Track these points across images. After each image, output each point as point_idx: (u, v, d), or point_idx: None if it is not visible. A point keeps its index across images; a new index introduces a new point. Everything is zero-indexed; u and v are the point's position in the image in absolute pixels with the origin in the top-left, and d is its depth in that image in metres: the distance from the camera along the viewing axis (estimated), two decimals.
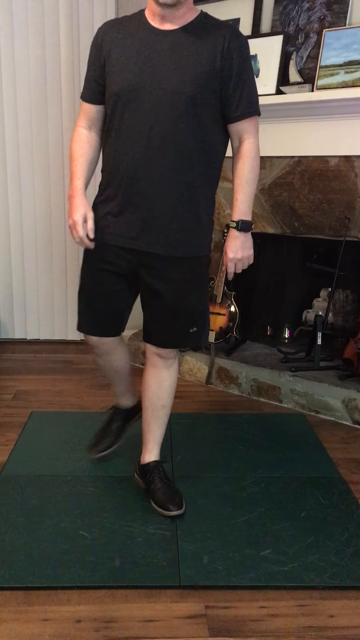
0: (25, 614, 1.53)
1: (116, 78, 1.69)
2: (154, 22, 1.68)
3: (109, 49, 1.71)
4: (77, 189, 1.81)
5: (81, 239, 1.79)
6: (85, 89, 1.81)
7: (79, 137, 1.85)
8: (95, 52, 1.75)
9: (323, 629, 1.49)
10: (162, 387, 2.00)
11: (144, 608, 1.55)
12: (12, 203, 3.54)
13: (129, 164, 1.72)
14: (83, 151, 1.84)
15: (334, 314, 3.07)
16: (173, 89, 1.62)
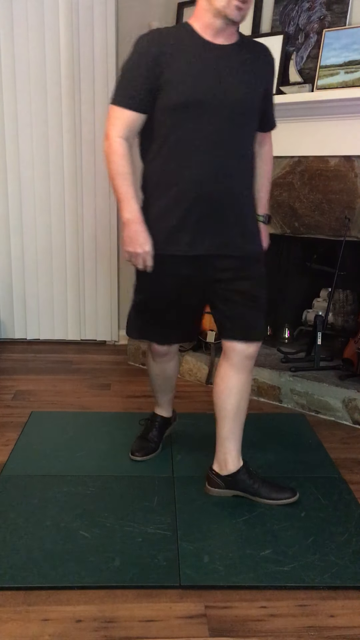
0: (25, 614, 1.53)
1: (181, 88, 1.70)
2: (207, 36, 1.73)
3: (167, 60, 1.70)
4: (138, 213, 1.80)
5: (147, 268, 1.84)
6: (132, 98, 1.74)
7: (123, 150, 1.78)
8: (150, 62, 1.70)
9: (323, 629, 1.49)
10: (247, 391, 1.98)
11: (144, 608, 1.55)
12: (12, 203, 3.55)
13: (196, 173, 1.76)
14: (130, 167, 1.80)
15: (334, 314, 3.06)
16: (241, 100, 1.75)
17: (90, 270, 3.63)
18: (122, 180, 1.78)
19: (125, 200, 1.79)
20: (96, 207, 3.54)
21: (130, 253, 1.82)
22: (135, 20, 3.34)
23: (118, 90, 1.76)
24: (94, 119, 3.41)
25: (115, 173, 1.78)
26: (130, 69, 1.73)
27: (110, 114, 1.78)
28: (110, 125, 1.77)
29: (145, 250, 1.79)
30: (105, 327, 3.73)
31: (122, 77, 1.75)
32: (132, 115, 1.76)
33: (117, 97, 1.76)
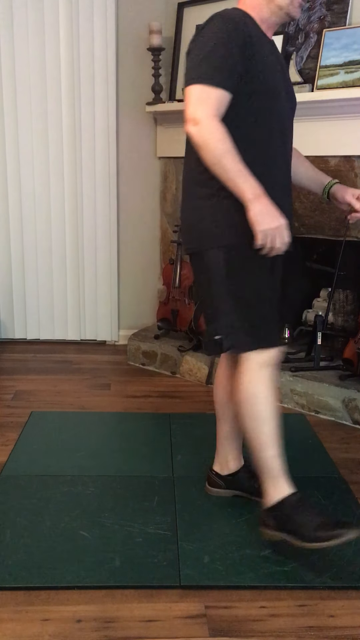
0: (25, 614, 1.53)
1: (269, 74, 1.65)
2: (262, 28, 1.70)
3: (254, 43, 1.61)
4: (260, 188, 1.59)
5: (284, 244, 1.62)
6: (226, 77, 1.57)
7: (223, 130, 1.57)
8: (245, 43, 1.58)
9: (323, 629, 1.49)
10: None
11: (144, 608, 1.55)
12: (12, 203, 3.54)
13: (281, 159, 1.74)
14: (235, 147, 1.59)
15: (334, 314, 3.06)
16: (293, 98, 1.80)
17: (90, 270, 3.63)
18: (231, 157, 1.56)
19: (243, 176, 1.57)
20: (96, 207, 3.54)
21: (268, 231, 1.57)
22: (135, 20, 3.34)
23: (205, 68, 1.57)
24: (94, 118, 3.41)
25: (221, 152, 1.55)
26: (220, 46, 1.56)
27: (195, 95, 1.57)
28: (197, 106, 1.56)
29: (283, 222, 1.59)
30: (105, 327, 3.73)
31: (209, 54, 1.57)
32: (225, 96, 1.58)
33: (206, 75, 1.56)
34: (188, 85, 1.59)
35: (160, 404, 2.84)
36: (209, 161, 1.58)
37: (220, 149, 1.55)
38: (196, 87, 1.57)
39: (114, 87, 3.37)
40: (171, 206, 3.54)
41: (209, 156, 1.57)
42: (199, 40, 1.61)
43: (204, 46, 1.58)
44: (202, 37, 1.60)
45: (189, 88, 1.59)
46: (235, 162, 1.56)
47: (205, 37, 1.59)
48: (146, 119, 3.47)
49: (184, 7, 3.27)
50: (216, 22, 1.59)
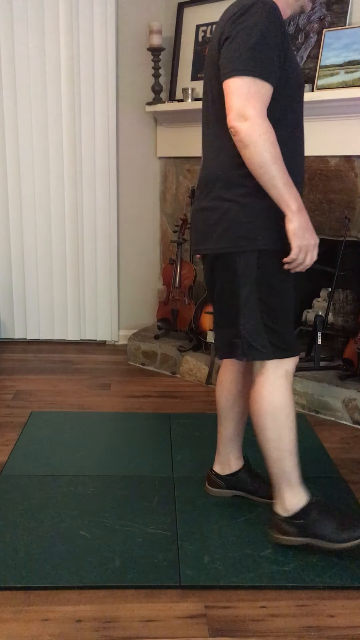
0: (25, 614, 1.53)
1: (297, 70, 1.61)
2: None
3: (287, 34, 1.55)
4: (301, 201, 1.55)
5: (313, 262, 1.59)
6: (272, 71, 1.49)
7: (273, 132, 1.49)
8: (283, 34, 1.52)
9: (323, 629, 1.49)
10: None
11: (144, 608, 1.55)
12: (12, 203, 3.55)
13: (302, 155, 1.70)
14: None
15: (334, 314, 3.06)
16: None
17: (90, 270, 3.63)
18: (281, 163, 1.49)
19: (290, 186, 1.51)
20: (96, 207, 3.54)
21: (305, 246, 1.54)
22: (135, 20, 3.34)
23: (254, 58, 1.46)
24: (94, 118, 3.41)
25: (272, 157, 1.47)
26: (267, 36, 1.47)
27: (244, 87, 1.46)
28: (248, 100, 1.46)
29: (317, 241, 1.57)
30: (105, 327, 3.73)
31: (257, 45, 1.47)
32: (271, 91, 1.50)
33: (256, 67, 1.46)
34: (234, 76, 1.47)
35: (160, 404, 2.84)
36: (255, 162, 1.49)
37: (271, 153, 1.47)
38: (245, 79, 1.46)
39: (114, 87, 3.37)
40: (171, 206, 3.54)
41: (256, 158, 1.48)
42: (243, 26, 1.48)
43: (250, 34, 1.47)
44: (245, 22, 1.48)
45: (235, 79, 1.47)
46: (283, 169, 1.50)
47: (250, 24, 1.48)
48: (146, 119, 3.47)
49: (184, 7, 3.27)
50: (258, 9, 1.48)
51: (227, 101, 1.50)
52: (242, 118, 1.46)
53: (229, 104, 1.49)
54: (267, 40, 1.47)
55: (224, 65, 1.51)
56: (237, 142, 1.50)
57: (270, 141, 1.47)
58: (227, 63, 1.50)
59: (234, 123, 1.47)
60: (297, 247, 1.54)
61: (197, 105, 3.09)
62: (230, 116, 1.48)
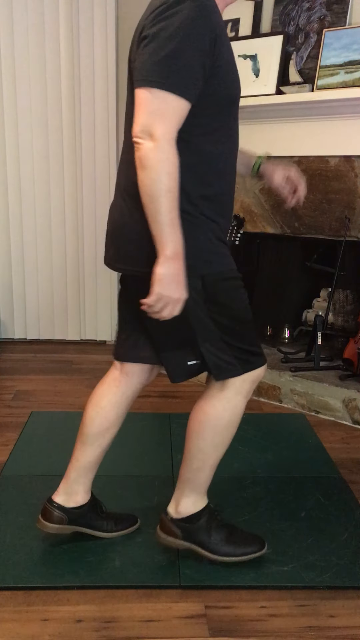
0: (25, 614, 1.53)
1: (233, 79, 1.39)
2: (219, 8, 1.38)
3: (221, 35, 1.33)
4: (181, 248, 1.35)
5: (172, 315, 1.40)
6: (192, 85, 1.29)
7: (176, 157, 1.30)
8: (215, 37, 1.30)
9: (323, 629, 1.49)
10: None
11: (144, 608, 1.55)
12: (12, 203, 3.55)
13: (233, 169, 1.50)
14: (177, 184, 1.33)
15: (334, 314, 3.07)
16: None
17: (90, 270, 3.63)
18: (172, 200, 1.30)
19: (175, 227, 1.33)
20: (96, 207, 3.54)
21: (165, 298, 1.35)
22: (135, 20, 3.33)
23: (170, 69, 1.26)
24: (94, 119, 3.41)
25: (165, 189, 1.29)
26: (189, 41, 1.26)
27: (155, 102, 1.27)
28: (157, 118, 1.27)
29: (184, 297, 1.39)
30: (105, 327, 3.73)
31: (176, 52, 1.25)
32: (187, 108, 1.31)
33: (172, 80, 1.26)
34: (145, 87, 1.28)
35: (160, 404, 2.84)
36: (145, 187, 1.30)
37: (166, 184, 1.28)
38: (156, 92, 1.26)
39: (114, 87, 3.37)
40: None
41: (148, 183, 1.29)
42: (163, 26, 1.26)
43: (170, 37, 1.25)
44: (166, 21, 1.26)
45: (144, 90, 1.28)
46: (173, 206, 1.31)
47: (172, 24, 1.26)
48: None
49: None
50: (186, 5, 1.26)
51: (137, 112, 1.30)
52: (147, 135, 1.28)
53: (136, 117, 1.29)
54: (191, 45, 1.26)
55: (137, 70, 1.30)
56: (135, 158, 1.31)
57: (168, 172, 1.28)
58: (140, 69, 1.29)
59: (136, 138, 1.29)
60: (156, 295, 1.35)
61: None
62: (135, 129, 1.29)
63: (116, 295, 3.69)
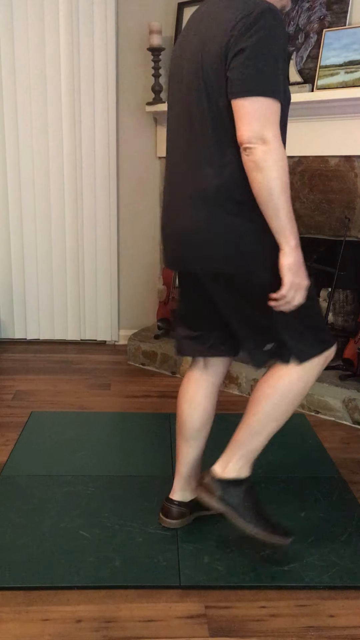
0: (25, 614, 1.53)
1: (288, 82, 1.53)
2: None
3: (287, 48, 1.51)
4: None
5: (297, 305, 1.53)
6: (280, 90, 1.43)
7: (285, 153, 1.44)
8: (286, 47, 1.46)
9: (323, 629, 1.49)
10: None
11: (144, 608, 1.55)
12: (11, 203, 3.54)
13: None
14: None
15: (334, 314, 3.06)
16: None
17: (90, 270, 3.63)
18: (289, 196, 1.44)
19: (293, 220, 1.47)
20: (96, 207, 3.54)
21: (296, 285, 1.48)
22: (135, 20, 3.34)
23: (270, 78, 1.40)
24: (94, 118, 3.41)
25: (283, 186, 1.42)
26: (276, 49, 1.41)
27: (262, 109, 1.40)
28: (267, 123, 1.40)
29: (308, 282, 1.53)
30: (105, 327, 3.73)
31: (272, 62, 1.40)
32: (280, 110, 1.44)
33: (272, 87, 1.41)
34: (253, 96, 1.40)
35: (160, 404, 2.84)
36: (264, 188, 1.42)
37: (283, 181, 1.42)
38: (263, 100, 1.40)
39: (114, 87, 3.37)
40: None
41: (267, 184, 1.41)
42: (257, 39, 1.39)
43: (265, 50, 1.40)
44: (258, 34, 1.39)
45: (253, 99, 1.40)
46: (289, 201, 1.45)
47: (264, 37, 1.40)
48: (146, 119, 3.47)
49: (184, 7, 3.26)
50: (270, 19, 1.40)
51: (241, 121, 1.41)
52: (260, 140, 1.40)
53: (246, 124, 1.40)
54: (279, 53, 1.42)
55: (239, 81, 1.41)
56: (248, 162, 1.42)
57: (284, 169, 1.42)
58: (244, 80, 1.40)
59: (250, 144, 1.40)
60: (289, 284, 1.47)
61: None
62: (246, 135, 1.40)
63: (116, 295, 3.69)
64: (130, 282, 3.73)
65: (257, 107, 1.40)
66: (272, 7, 1.42)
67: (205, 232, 1.54)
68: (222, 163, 1.50)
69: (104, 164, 3.47)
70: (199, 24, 1.52)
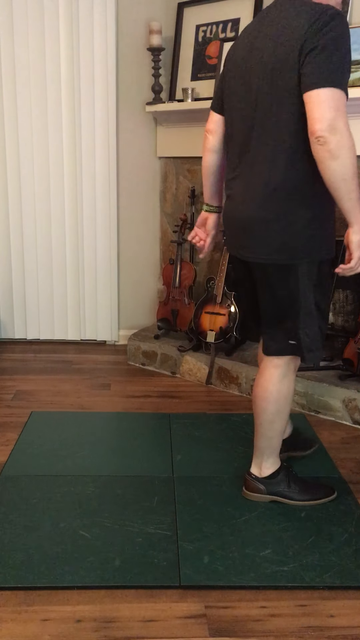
0: (25, 614, 1.53)
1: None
2: None
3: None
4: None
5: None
6: (347, 84, 1.60)
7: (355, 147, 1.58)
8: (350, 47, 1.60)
9: (323, 629, 1.50)
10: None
11: (144, 608, 1.55)
12: (12, 203, 3.54)
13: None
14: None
15: (334, 314, 3.06)
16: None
17: (90, 270, 3.63)
18: (357, 180, 1.57)
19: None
20: (96, 207, 3.54)
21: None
22: (135, 20, 3.34)
23: (343, 73, 1.54)
24: (94, 118, 3.41)
25: (354, 171, 1.54)
26: (344, 49, 1.55)
27: (335, 100, 1.52)
28: (339, 114, 1.52)
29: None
30: (105, 327, 3.73)
31: (344, 59, 1.55)
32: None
33: (341, 80, 1.54)
34: (326, 87, 1.52)
35: (160, 404, 2.84)
36: (339, 174, 1.54)
37: (355, 166, 1.54)
38: (335, 91, 1.52)
39: (114, 87, 3.37)
40: (171, 206, 3.54)
41: (341, 170, 1.54)
42: (330, 38, 1.53)
43: (337, 47, 1.53)
44: (330, 34, 1.53)
45: (326, 90, 1.52)
46: (357, 183, 1.57)
47: (336, 36, 1.54)
48: (146, 119, 3.47)
49: (184, 7, 3.27)
50: (339, 21, 1.55)
51: (315, 111, 1.52)
52: (333, 130, 1.51)
53: (319, 114, 1.52)
54: (347, 55, 1.56)
55: (313, 75, 1.53)
56: (322, 152, 1.53)
57: (355, 156, 1.55)
58: (318, 73, 1.52)
59: (324, 133, 1.51)
60: (357, 258, 1.64)
61: (197, 105, 3.09)
62: (319, 125, 1.51)
63: (116, 295, 3.69)
64: (130, 282, 3.73)
65: (330, 97, 1.51)
66: (339, 12, 1.58)
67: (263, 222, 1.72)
68: (286, 159, 1.65)
69: (104, 164, 3.47)
70: (267, 28, 1.65)
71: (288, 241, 1.70)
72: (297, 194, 1.67)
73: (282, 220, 1.69)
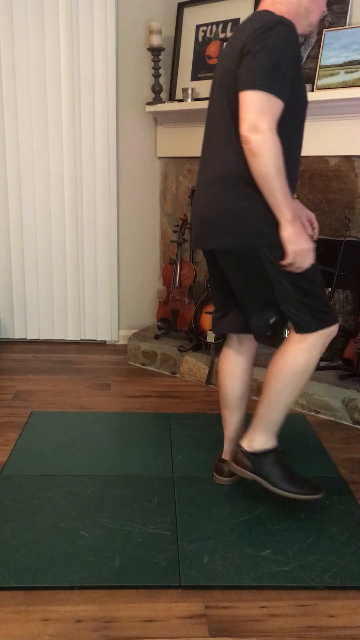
0: (25, 614, 1.53)
1: (303, 86, 1.77)
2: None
3: (299, 58, 1.71)
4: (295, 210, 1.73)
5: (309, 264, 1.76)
6: (286, 89, 1.65)
7: (280, 146, 1.64)
8: (298, 56, 1.69)
9: (323, 629, 1.49)
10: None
11: (144, 608, 1.55)
12: (12, 203, 3.55)
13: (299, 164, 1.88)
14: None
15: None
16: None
17: (90, 270, 3.63)
18: (282, 176, 1.64)
19: (288, 197, 1.68)
20: (96, 207, 3.54)
21: (300, 251, 1.70)
22: (135, 20, 3.34)
23: (272, 76, 1.61)
24: (94, 118, 3.41)
25: (276, 169, 1.62)
26: (286, 57, 1.62)
27: (259, 102, 1.61)
28: (262, 114, 1.60)
29: (312, 246, 1.74)
30: (105, 327, 3.73)
31: (277, 63, 1.61)
32: (282, 107, 1.64)
33: (273, 85, 1.61)
34: (251, 89, 1.61)
35: (160, 404, 2.84)
36: (260, 172, 1.64)
37: (276, 166, 1.62)
38: (262, 94, 1.60)
39: (114, 87, 3.37)
40: (171, 206, 3.54)
41: (262, 168, 1.63)
42: (266, 44, 1.61)
43: (271, 52, 1.61)
44: (267, 40, 1.61)
45: (253, 92, 1.61)
46: (283, 181, 1.65)
47: (272, 43, 1.61)
48: (146, 119, 3.47)
49: (184, 7, 3.27)
50: (281, 29, 1.63)
51: (242, 112, 1.63)
52: (254, 130, 1.60)
53: (244, 115, 1.62)
54: (285, 60, 1.62)
55: (244, 77, 1.63)
56: (246, 150, 1.64)
57: (276, 155, 1.62)
58: (247, 76, 1.63)
59: (246, 133, 1.61)
60: (292, 252, 1.70)
61: (197, 105, 3.09)
62: (243, 126, 1.62)
63: (116, 295, 3.69)
64: (130, 282, 3.73)
65: (256, 99, 1.60)
66: (285, 20, 1.65)
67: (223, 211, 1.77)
68: (238, 150, 1.70)
69: (104, 163, 3.47)
70: (234, 34, 1.78)
71: (241, 226, 1.76)
72: (242, 181, 1.72)
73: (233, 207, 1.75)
